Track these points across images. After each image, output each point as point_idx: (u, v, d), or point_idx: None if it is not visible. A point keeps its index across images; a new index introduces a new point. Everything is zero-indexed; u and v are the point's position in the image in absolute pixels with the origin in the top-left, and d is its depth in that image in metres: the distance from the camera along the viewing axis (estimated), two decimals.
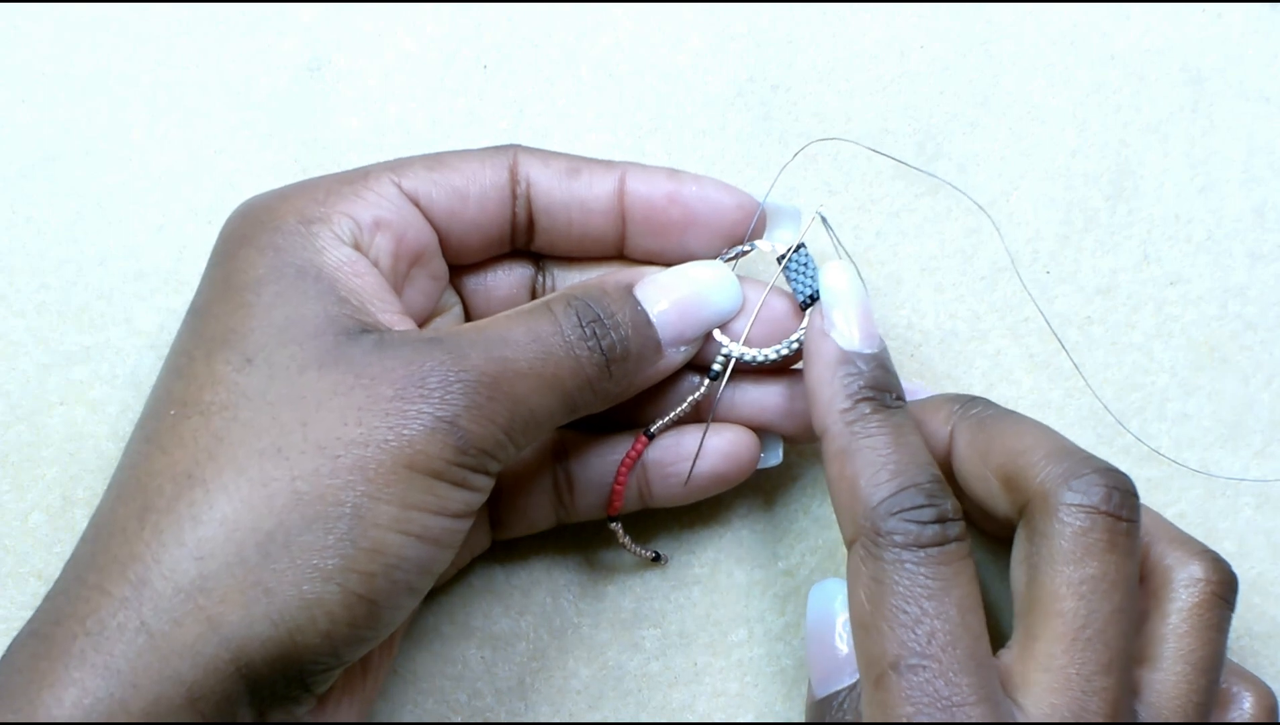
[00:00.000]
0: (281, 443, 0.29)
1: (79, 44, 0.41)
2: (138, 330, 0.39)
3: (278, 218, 0.32)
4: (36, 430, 0.39)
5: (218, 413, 0.30)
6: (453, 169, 0.34)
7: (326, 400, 0.29)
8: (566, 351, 0.31)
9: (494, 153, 0.34)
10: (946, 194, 0.40)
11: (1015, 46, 0.41)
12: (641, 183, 0.34)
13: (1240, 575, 0.31)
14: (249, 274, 0.31)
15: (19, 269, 0.40)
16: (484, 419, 0.30)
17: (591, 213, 0.34)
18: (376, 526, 0.29)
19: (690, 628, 0.38)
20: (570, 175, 0.34)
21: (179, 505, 0.29)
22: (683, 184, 0.35)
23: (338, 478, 0.29)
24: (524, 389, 0.30)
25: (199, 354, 0.31)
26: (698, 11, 0.42)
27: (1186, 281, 0.40)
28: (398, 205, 0.33)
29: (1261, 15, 0.42)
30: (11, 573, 0.38)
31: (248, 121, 0.41)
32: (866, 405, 0.32)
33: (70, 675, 0.27)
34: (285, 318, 0.30)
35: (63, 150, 0.41)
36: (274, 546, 0.28)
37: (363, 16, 0.42)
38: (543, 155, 0.35)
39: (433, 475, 0.29)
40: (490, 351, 0.30)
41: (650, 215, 0.34)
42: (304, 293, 0.31)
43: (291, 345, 0.30)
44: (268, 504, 0.28)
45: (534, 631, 0.38)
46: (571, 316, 0.32)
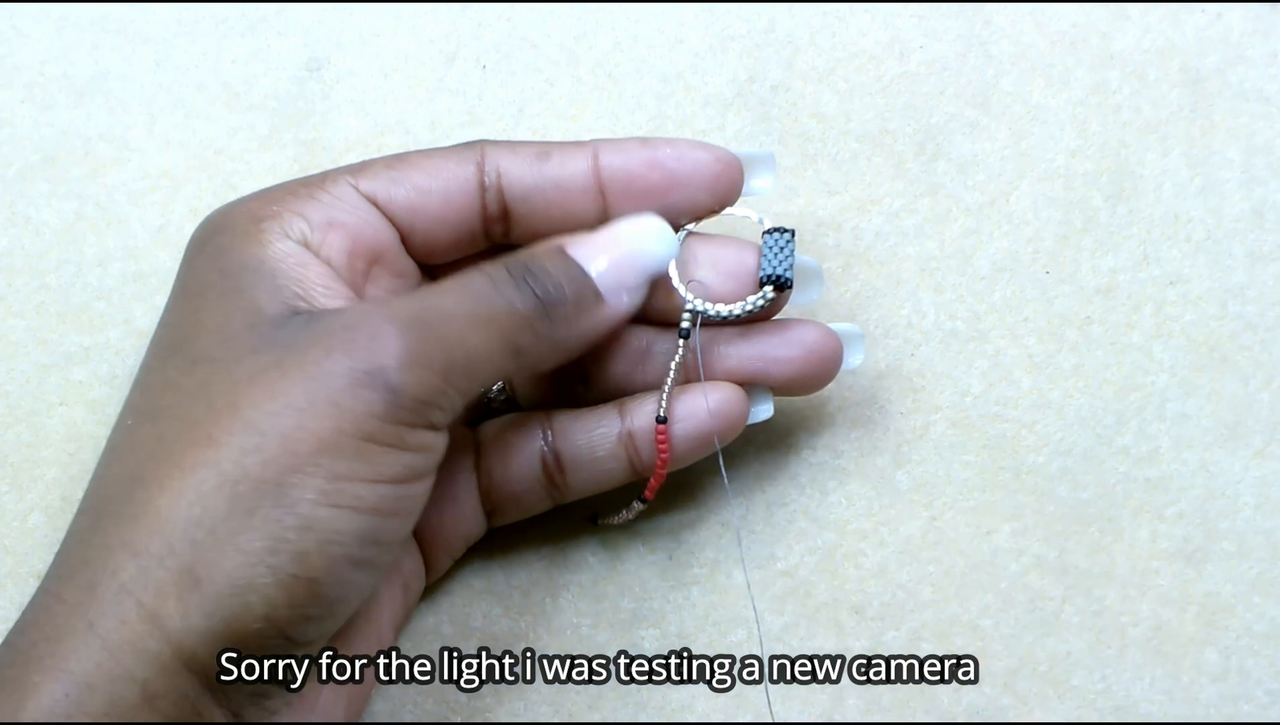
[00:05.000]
0: (213, 430, 0.29)
1: (78, 44, 0.41)
2: (137, 331, 0.39)
3: (231, 220, 0.32)
4: (36, 431, 0.39)
5: (164, 415, 0.30)
6: (414, 166, 0.34)
7: (257, 379, 0.29)
8: (500, 296, 0.31)
9: (459, 148, 0.34)
10: (946, 194, 0.40)
11: (1015, 47, 0.41)
12: (615, 155, 0.34)
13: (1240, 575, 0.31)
14: (199, 278, 0.32)
15: (18, 270, 0.40)
16: (416, 365, 0.29)
17: (569, 192, 0.34)
18: (303, 501, 0.28)
19: (689, 628, 0.38)
20: (541, 159, 0.34)
21: (124, 507, 0.29)
22: (657, 148, 0.34)
23: (262, 454, 0.28)
24: (457, 328, 0.30)
25: (155, 363, 0.31)
26: (697, 12, 0.42)
27: (1186, 281, 0.40)
28: (354, 205, 0.33)
29: (1261, 15, 0.42)
30: (11, 573, 0.38)
31: (247, 122, 0.41)
32: None
33: (30, 680, 0.27)
34: (226, 316, 0.30)
35: (62, 151, 0.41)
36: (200, 534, 0.28)
37: (362, 17, 0.42)
38: (509, 145, 0.34)
39: (362, 438, 0.28)
40: (421, 304, 0.30)
41: (630, 184, 0.34)
42: (245, 287, 0.31)
43: (229, 340, 0.30)
44: (196, 492, 0.28)
45: (534, 631, 0.38)
46: (501, 271, 0.31)
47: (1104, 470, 0.38)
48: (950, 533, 0.38)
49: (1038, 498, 0.38)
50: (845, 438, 0.39)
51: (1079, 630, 0.37)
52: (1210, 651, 0.37)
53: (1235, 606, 0.37)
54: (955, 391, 0.39)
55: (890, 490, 0.38)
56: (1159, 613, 0.37)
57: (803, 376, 0.35)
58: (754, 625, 0.38)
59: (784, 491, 0.39)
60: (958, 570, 0.38)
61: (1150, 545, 0.38)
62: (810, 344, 0.35)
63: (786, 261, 0.34)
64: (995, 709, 0.37)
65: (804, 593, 0.38)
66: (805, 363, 0.35)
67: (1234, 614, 0.37)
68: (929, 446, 0.39)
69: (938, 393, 0.39)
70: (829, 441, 0.39)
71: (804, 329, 0.35)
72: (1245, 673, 0.37)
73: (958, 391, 0.39)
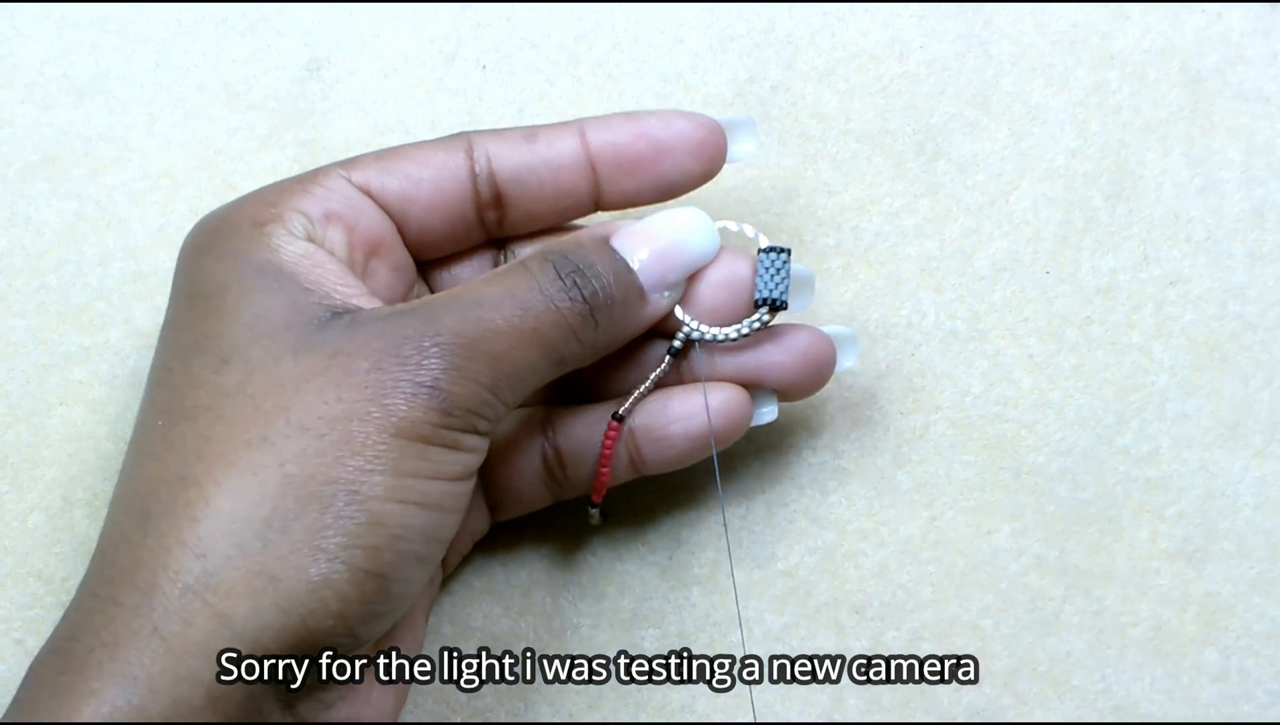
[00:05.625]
0: (266, 431, 0.29)
1: (78, 45, 0.41)
2: (137, 331, 0.39)
3: (231, 224, 0.32)
4: (36, 431, 0.39)
5: (202, 414, 0.30)
6: (404, 157, 0.34)
7: (305, 383, 0.29)
8: (546, 305, 0.31)
9: (446, 139, 0.34)
10: (946, 194, 0.40)
11: (1014, 47, 0.41)
12: (602, 130, 0.34)
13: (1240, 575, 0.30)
14: (212, 281, 0.31)
15: (18, 270, 0.40)
16: (465, 379, 0.30)
17: (560, 170, 0.34)
18: (374, 498, 0.28)
19: (689, 628, 0.38)
20: (528, 140, 0.34)
21: (176, 507, 0.29)
22: (643, 121, 0.34)
23: (326, 456, 0.28)
24: (504, 346, 0.30)
25: (176, 364, 0.31)
26: (697, 12, 0.42)
27: (1186, 281, 0.40)
28: (348, 197, 0.33)
29: (1261, 15, 0.42)
30: (11, 573, 0.38)
31: (247, 122, 0.41)
32: None
33: (89, 686, 0.27)
34: (253, 315, 0.30)
35: (62, 151, 0.41)
36: (272, 533, 0.28)
37: (362, 17, 0.42)
38: (496, 131, 0.35)
39: (422, 440, 0.29)
40: (464, 313, 0.30)
41: (619, 157, 0.34)
42: (267, 289, 0.31)
43: (264, 339, 0.30)
44: (260, 491, 0.28)
45: (534, 631, 0.38)
46: (549, 270, 0.31)
47: (1104, 470, 0.38)
48: (950, 533, 0.38)
49: (1038, 498, 0.38)
50: (845, 438, 0.39)
51: (1079, 630, 0.37)
52: (1210, 651, 0.37)
53: (1235, 606, 0.37)
54: (955, 391, 0.39)
55: (890, 490, 0.38)
56: (1159, 613, 0.38)
57: (798, 381, 0.35)
58: (753, 625, 0.38)
59: (784, 491, 0.39)
60: (958, 570, 0.38)
61: (1150, 545, 0.38)
62: (804, 348, 0.35)
63: (783, 284, 0.34)
64: (995, 709, 0.37)
65: (804, 593, 0.38)
66: (800, 368, 0.35)
67: (1234, 614, 0.37)
68: (929, 446, 0.39)
69: (938, 393, 0.39)
70: (829, 441, 0.39)
71: (797, 333, 0.35)
72: (1245, 673, 0.37)
73: (958, 391, 0.39)
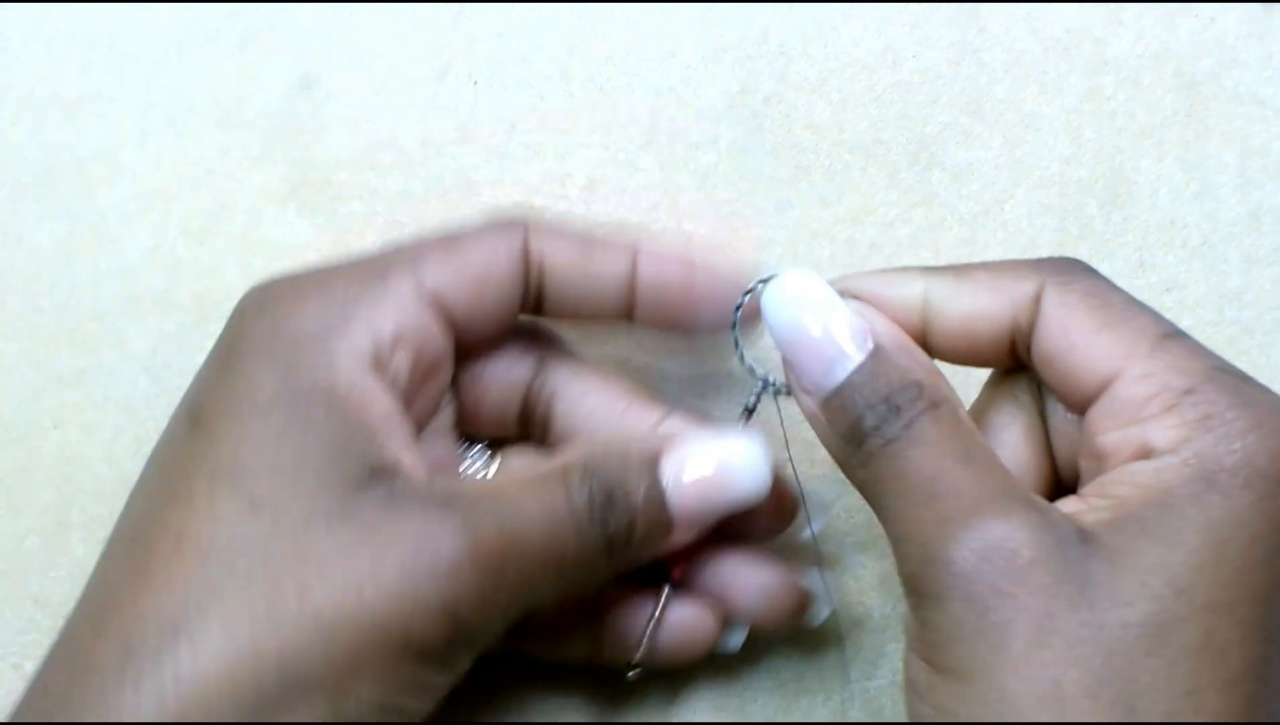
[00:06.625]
0: (277, 608, 0.28)
1: (69, 64, 0.41)
2: (130, 352, 0.39)
3: (293, 324, 0.31)
4: (31, 454, 0.38)
5: (215, 559, 0.28)
6: (468, 253, 0.32)
7: (330, 563, 0.28)
8: (576, 533, 0.30)
9: (506, 230, 0.33)
10: (941, 204, 0.40)
11: (1008, 54, 0.41)
12: (654, 267, 0.33)
13: None
14: (258, 392, 0.30)
15: (11, 291, 0.40)
16: (487, 606, 0.29)
17: (604, 285, 0.33)
18: (358, 703, 0.28)
19: None
20: (584, 254, 0.33)
21: (164, 658, 0.27)
22: (695, 272, 0.34)
23: (330, 650, 0.27)
24: (531, 573, 0.30)
25: (201, 484, 0.29)
26: (689, 24, 0.41)
27: (1182, 287, 0.40)
28: (417, 313, 0.31)
29: (1255, 19, 0.41)
30: (8, 597, 0.38)
31: (239, 140, 0.41)
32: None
33: None
34: (294, 456, 0.29)
35: (53, 171, 0.41)
36: (244, 713, 0.27)
37: (352, 33, 0.41)
38: (554, 230, 0.33)
39: (424, 655, 0.28)
40: (504, 523, 0.29)
41: (662, 297, 0.34)
42: (314, 423, 0.29)
43: (300, 494, 0.29)
44: (252, 671, 0.27)
45: None
46: (585, 493, 0.30)
47: None
48: None
49: None
50: None
51: None
52: None
53: None
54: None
55: None
56: None
57: (781, 619, 0.35)
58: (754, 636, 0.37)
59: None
60: None
61: None
62: (776, 593, 0.34)
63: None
64: None
65: None
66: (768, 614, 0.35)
67: None
68: None
69: None
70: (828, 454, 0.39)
71: (771, 576, 0.34)
72: None
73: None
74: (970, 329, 0.31)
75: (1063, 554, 0.27)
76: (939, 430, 0.29)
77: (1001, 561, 0.27)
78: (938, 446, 0.29)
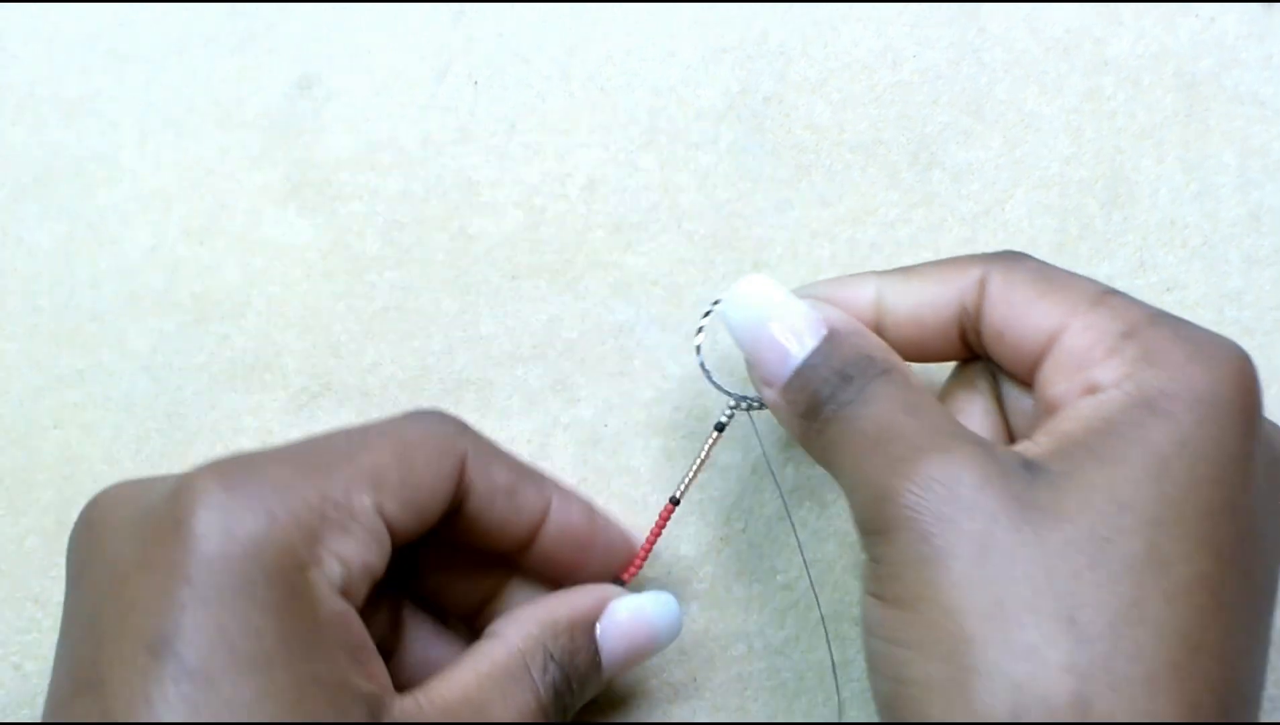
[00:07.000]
0: None
1: (69, 65, 0.41)
2: (130, 352, 0.39)
3: (271, 555, 0.28)
4: (31, 454, 0.38)
5: None
6: (416, 466, 0.31)
7: None
8: (544, 718, 0.31)
9: (449, 446, 0.32)
10: (941, 204, 0.40)
11: (1008, 54, 0.41)
12: (565, 508, 0.34)
13: None
14: (256, 641, 0.27)
15: (10, 291, 0.40)
16: None
17: (520, 522, 0.33)
18: None
19: (689, 643, 0.38)
20: (508, 496, 0.33)
21: None
22: (597, 530, 0.34)
23: None
24: None
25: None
26: (689, 24, 0.41)
27: (1183, 287, 0.40)
28: (378, 538, 0.30)
29: (1255, 19, 0.41)
30: (8, 597, 0.38)
31: (238, 141, 0.41)
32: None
33: None
34: (298, 693, 0.27)
35: (53, 172, 0.41)
36: None
37: (352, 34, 0.41)
38: (486, 458, 0.33)
39: None
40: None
41: (559, 548, 0.34)
42: (303, 661, 0.27)
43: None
44: None
45: None
46: (549, 683, 0.31)
47: None
48: None
49: None
50: None
51: None
52: None
53: None
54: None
55: None
56: None
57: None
58: (753, 639, 0.37)
59: (782, 507, 0.38)
60: None
61: None
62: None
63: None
64: None
65: (805, 605, 0.38)
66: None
67: None
68: None
69: None
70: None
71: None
72: None
73: None
74: (919, 318, 0.32)
75: (1006, 481, 0.27)
76: (890, 391, 0.30)
77: (945, 490, 0.27)
78: (889, 402, 0.30)
